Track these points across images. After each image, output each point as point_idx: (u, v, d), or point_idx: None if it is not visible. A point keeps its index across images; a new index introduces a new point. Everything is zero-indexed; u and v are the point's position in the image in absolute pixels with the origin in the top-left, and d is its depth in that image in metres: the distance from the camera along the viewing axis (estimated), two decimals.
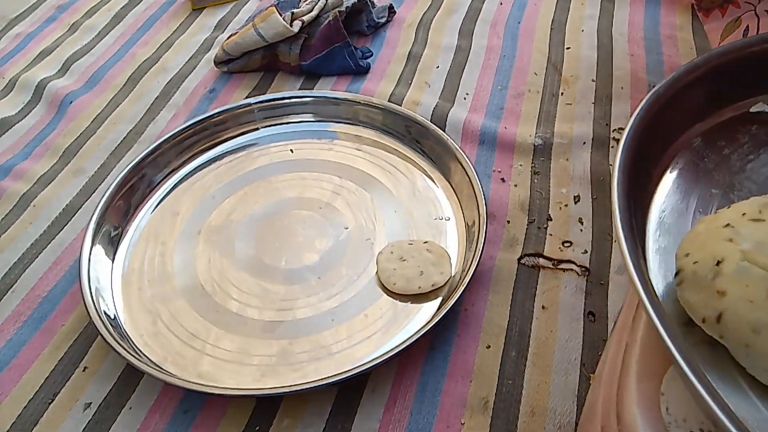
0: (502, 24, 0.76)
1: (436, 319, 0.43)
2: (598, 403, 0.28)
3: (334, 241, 0.52)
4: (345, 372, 0.41)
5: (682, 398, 0.22)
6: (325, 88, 0.68)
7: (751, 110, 0.32)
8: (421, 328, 0.43)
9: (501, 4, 0.79)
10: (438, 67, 0.70)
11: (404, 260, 0.49)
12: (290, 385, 0.41)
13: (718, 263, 0.22)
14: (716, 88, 0.31)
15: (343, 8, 0.69)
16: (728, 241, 0.23)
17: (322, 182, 0.57)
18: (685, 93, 0.30)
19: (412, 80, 0.69)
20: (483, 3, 0.80)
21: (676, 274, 0.24)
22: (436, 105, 0.64)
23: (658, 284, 0.25)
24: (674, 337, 0.20)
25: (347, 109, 0.60)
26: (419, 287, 0.48)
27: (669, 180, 0.29)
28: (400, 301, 0.48)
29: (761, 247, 0.22)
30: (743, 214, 0.24)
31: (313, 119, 0.62)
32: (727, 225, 0.24)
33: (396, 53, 0.73)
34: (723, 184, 0.29)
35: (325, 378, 0.41)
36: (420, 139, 0.58)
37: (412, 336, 0.43)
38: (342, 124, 0.61)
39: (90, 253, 0.50)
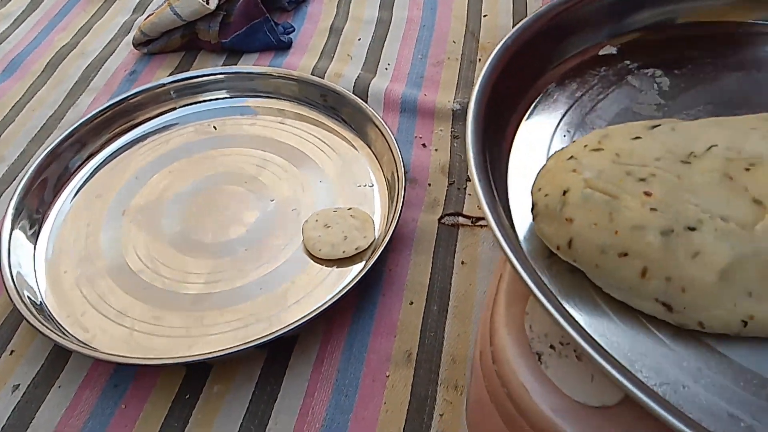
0: None
1: (357, 279, 0.45)
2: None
3: (260, 213, 0.53)
4: (270, 334, 0.42)
5: (543, 317, 0.24)
6: (248, 64, 0.68)
7: (600, 53, 0.34)
8: (343, 288, 0.45)
9: None
10: (360, 39, 0.71)
11: (329, 227, 0.51)
12: (214, 351, 0.42)
13: (565, 193, 0.25)
14: (566, 34, 0.33)
15: None
16: (572, 172, 0.25)
17: (246, 157, 0.58)
18: (534, 42, 0.32)
19: (334, 53, 0.69)
20: None
21: (532, 209, 0.26)
22: (358, 76, 0.65)
23: (524, 223, 0.27)
24: (524, 262, 0.22)
25: (263, 83, 0.61)
26: (343, 252, 0.49)
27: (528, 125, 0.31)
28: (326, 266, 0.49)
29: (601, 174, 0.25)
30: (585, 146, 0.26)
31: (233, 95, 0.62)
32: (571, 157, 0.26)
33: (318, 27, 0.73)
34: (576, 124, 0.31)
35: (250, 341, 0.42)
36: (336, 106, 0.59)
37: (334, 296, 0.44)
38: (263, 99, 0.62)
39: (10, 239, 0.49)
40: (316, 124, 0.60)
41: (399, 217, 0.49)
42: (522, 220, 0.28)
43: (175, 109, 0.61)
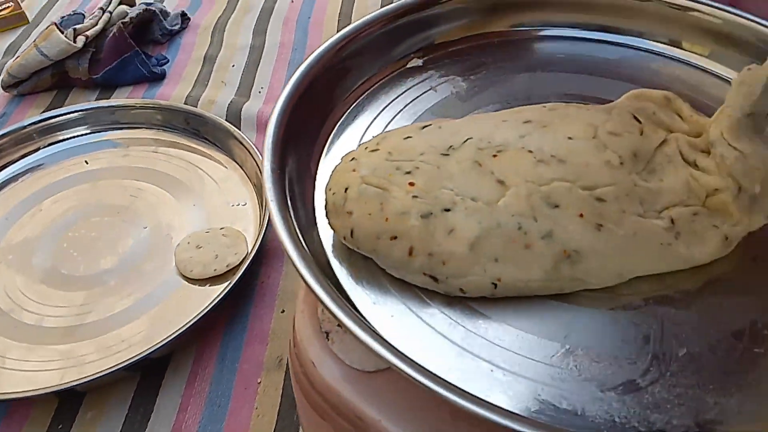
0: (293, 20, 0.81)
1: (224, 294, 0.47)
2: None
3: (134, 241, 0.55)
4: (136, 356, 0.43)
5: None
6: (121, 97, 0.69)
7: (408, 66, 0.39)
8: (209, 304, 0.47)
9: (292, 1, 0.84)
10: (233, 66, 0.74)
11: (200, 248, 0.53)
12: (80, 378, 0.43)
13: (346, 190, 0.28)
14: (376, 49, 0.37)
15: (127, 19, 0.70)
16: (352, 171, 0.28)
17: (119, 188, 0.59)
18: (344, 59, 0.36)
19: (208, 81, 0.72)
20: (276, 2, 0.84)
21: (325, 207, 0.29)
22: (231, 101, 0.67)
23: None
24: (300, 252, 0.25)
25: (125, 115, 0.63)
26: (215, 270, 0.51)
27: (339, 135, 0.35)
28: (199, 285, 0.51)
29: (375, 170, 0.28)
30: (366, 148, 0.30)
31: (96, 130, 0.63)
32: (353, 159, 0.29)
33: (192, 57, 0.75)
34: (380, 131, 0.34)
35: (116, 365, 0.43)
36: (202, 130, 0.61)
37: (200, 313, 0.46)
38: (133, 130, 0.63)
39: None
40: (189, 150, 0.62)
41: (265, 231, 0.51)
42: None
43: (39, 149, 0.61)
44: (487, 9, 0.38)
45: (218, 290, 0.50)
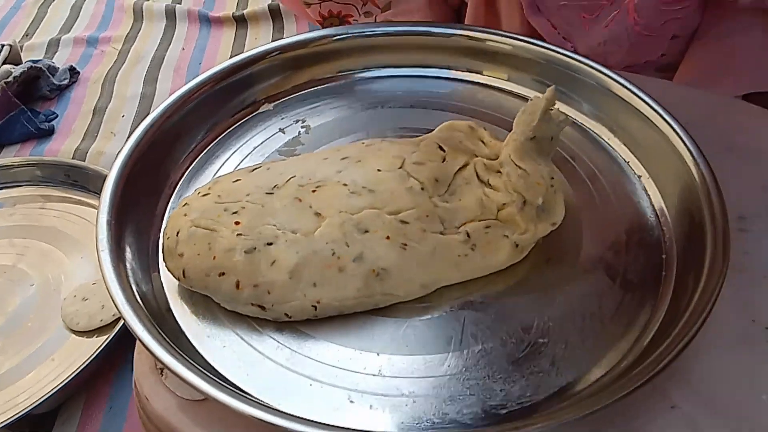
0: (184, 67, 0.83)
1: (106, 342, 0.48)
2: None
3: (20, 299, 0.55)
4: (19, 412, 0.44)
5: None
6: (9, 156, 0.69)
7: (259, 111, 0.42)
8: (93, 353, 0.47)
9: (183, 49, 0.86)
10: (123, 116, 0.75)
11: (86, 300, 0.53)
12: None
13: (178, 233, 0.30)
14: (219, 101, 0.40)
15: (10, 79, 0.71)
16: (184, 216, 0.31)
17: (5, 248, 0.59)
18: (188, 112, 0.39)
19: (98, 133, 0.73)
20: (167, 51, 0.86)
21: (162, 251, 0.32)
22: (119, 151, 0.68)
23: None
24: (127, 295, 0.27)
25: (4, 174, 0.63)
26: (101, 320, 0.52)
27: (188, 182, 0.37)
28: (86, 337, 0.52)
29: (204, 213, 0.31)
30: (198, 192, 0.33)
31: None
32: (185, 204, 0.32)
33: (82, 110, 0.76)
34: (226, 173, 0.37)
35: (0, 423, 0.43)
36: (82, 180, 0.62)
37: (84, 362, 0.47)
38: (16, 188, 0.63)
39: None
40: (75, 202, 0.62)
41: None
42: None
43: None
44: (309, 59, 0.42)
45: (108, 340, 0.51)
